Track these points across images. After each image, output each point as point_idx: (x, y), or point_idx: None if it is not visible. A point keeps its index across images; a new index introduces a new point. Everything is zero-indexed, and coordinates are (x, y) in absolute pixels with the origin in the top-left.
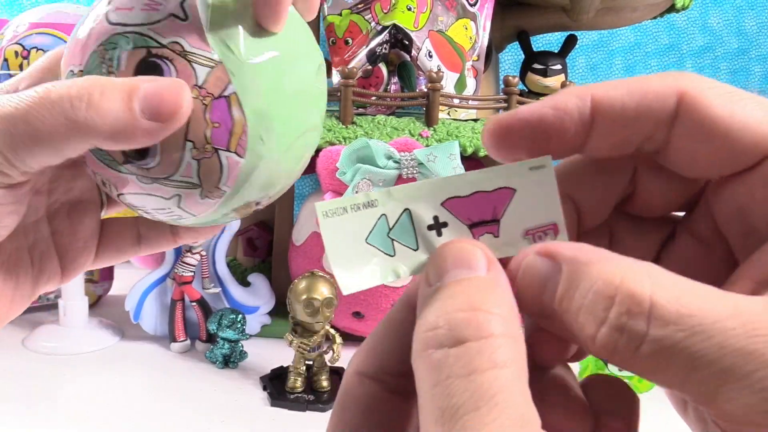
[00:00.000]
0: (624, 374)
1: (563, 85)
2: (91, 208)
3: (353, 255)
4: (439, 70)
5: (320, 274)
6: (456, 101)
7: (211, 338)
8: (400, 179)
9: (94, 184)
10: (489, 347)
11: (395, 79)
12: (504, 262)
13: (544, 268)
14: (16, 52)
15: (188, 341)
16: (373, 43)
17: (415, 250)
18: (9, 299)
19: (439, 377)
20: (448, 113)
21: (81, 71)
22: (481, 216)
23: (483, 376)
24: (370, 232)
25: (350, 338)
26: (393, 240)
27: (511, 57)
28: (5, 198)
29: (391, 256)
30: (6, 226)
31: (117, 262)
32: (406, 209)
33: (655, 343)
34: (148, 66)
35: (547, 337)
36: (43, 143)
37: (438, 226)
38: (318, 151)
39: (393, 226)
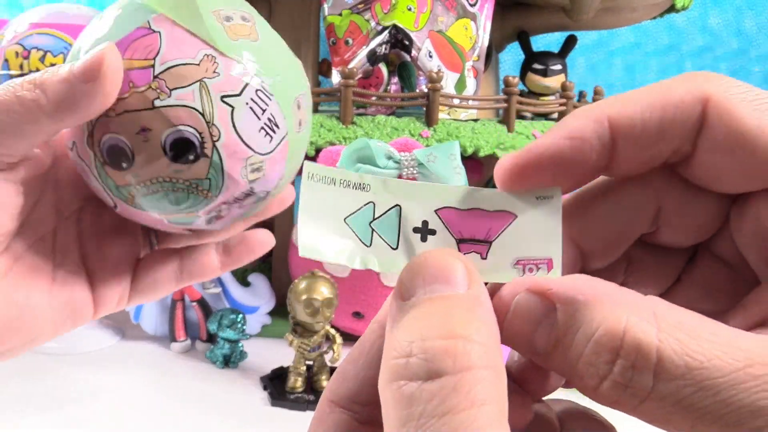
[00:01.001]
0: None
1: (563, 86)
2: (122, 235)
3: (325, 226)
4: (440, 70)
5: (320, 274)
6: (456, 101)
7: (211, 338)
8: (400, 179)
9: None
10: (467, 383)
11: (395, 80)
12: (491, 291)
13: (536, 308)
14: (17, 53)
15: (188, 341)
16: (373, 44)
17: (393, 249)
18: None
19: (410, 415)
20: (448, 113)
21: None
22: (473, 233)
23: (459, 416)
24: (352, 213)
25: (350, 338)
26: (374, 230)
27: (511, 57)
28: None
29: (367, 246)
30: (11, 214)
31: (155, 296)
32: (397, 205)
33: (662, 399)
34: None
35: (535, 372)
36: (5, 131)
37: (425, 231)
38: (318, 151)
39: (378, 217)
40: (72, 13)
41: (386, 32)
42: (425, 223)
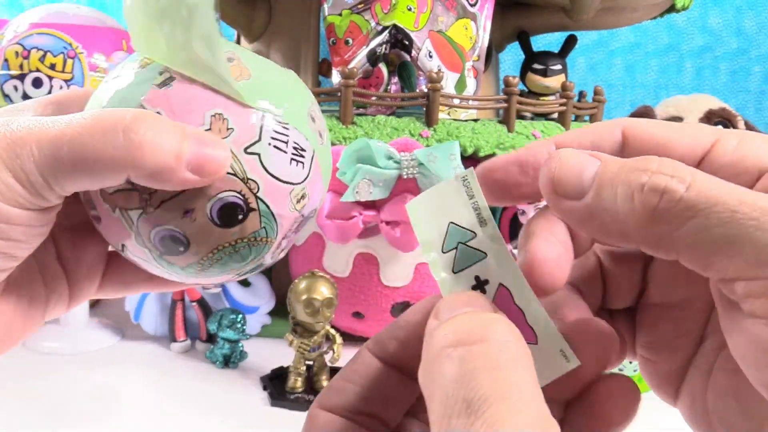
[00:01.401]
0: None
1: (563, 86)
2: (95, 235)
3: (437, 211)
4: (440, 70)
5: (320, 274)
6: (456, 101)
7: (211, 338)
8: (400, 179)
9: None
10: (508, 347)
11: (395, 80)
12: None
13: (581, 157)
14: (17, 52)
15: (188, 341)
16: (373, 44)
17: (453, 272)
18: (23, 317)
19: (464, 369)
20: (449, 113)
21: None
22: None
23: (506, 372)
24: (458, 225)
25: (350, 338)
26: (456, 249)
27: (511, 57)
28: (37, 220)
29: (442, 251)
30: (31, 246)
31: (122, 294)
32: (485, 254)
33: (692, 227)
34: None
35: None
36: (85, 170)
37: (482, 285)
38: None
39: (468, 245)
40: (72, 13)
41: (386, 32)
42: (486, 281)
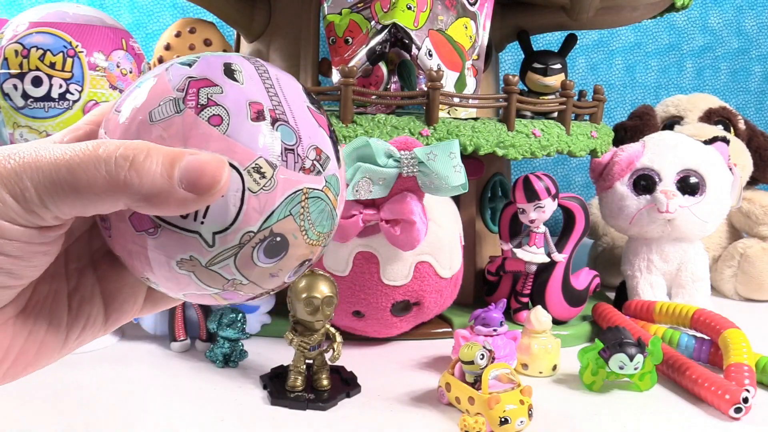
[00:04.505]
0: (624, 373)
1: (563, 85)
2: None
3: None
4: (439, 69)
5: (320, 272)
6: (456, 100)
7: (211, 337)
8: (400, 178)
9: None
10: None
11: (395, 78)
12: None
13: None
14: (16, 51)
15: (188, 340)
16: (373, 42)
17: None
18: (36, 343)
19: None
20: (448, 112)
21: None
22: None
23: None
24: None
25: (350, 337)
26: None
27: (511, 56)
28: (35, 238)
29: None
30: (36, 266)
31: (166, 307)
32: None
33: None
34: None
35: None
36: (79, 194)
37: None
38: None
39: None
40: (72, 12)
41: (386, 31)
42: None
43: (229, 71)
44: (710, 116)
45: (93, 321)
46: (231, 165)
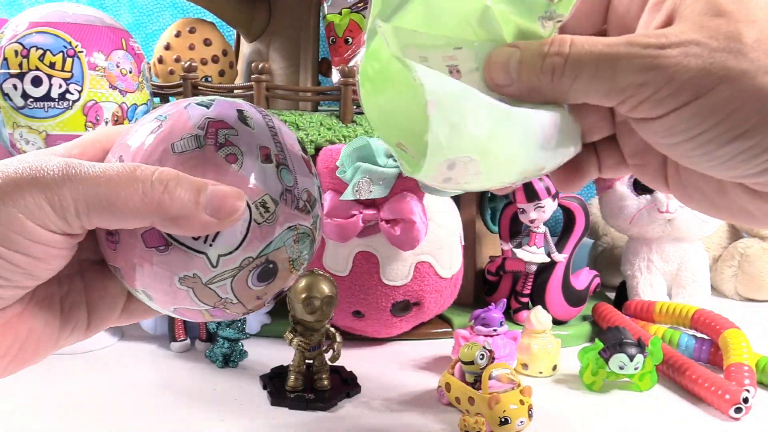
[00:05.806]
0: (624, 373)
1: None
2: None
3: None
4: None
5: (320, 272)
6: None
7: (211, 337)
8: (400, 178)
9: None
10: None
11: None
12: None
13: (505, 51)
14: (16, 51)
15: (188, 340)
16: None
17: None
18: (36, 341)
19: None
20: None
21: None
22: None
23: None
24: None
25: (350, 337)
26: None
27: None
28: (61, 243)
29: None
30: (52, 268)
31: (143, 319)
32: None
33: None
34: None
35: None
36: (114, 209)
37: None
38: (318, 149)
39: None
40: (71, 12)
41: None
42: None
43: (242, 117)
44: None
45: (79, 326)
46: None
